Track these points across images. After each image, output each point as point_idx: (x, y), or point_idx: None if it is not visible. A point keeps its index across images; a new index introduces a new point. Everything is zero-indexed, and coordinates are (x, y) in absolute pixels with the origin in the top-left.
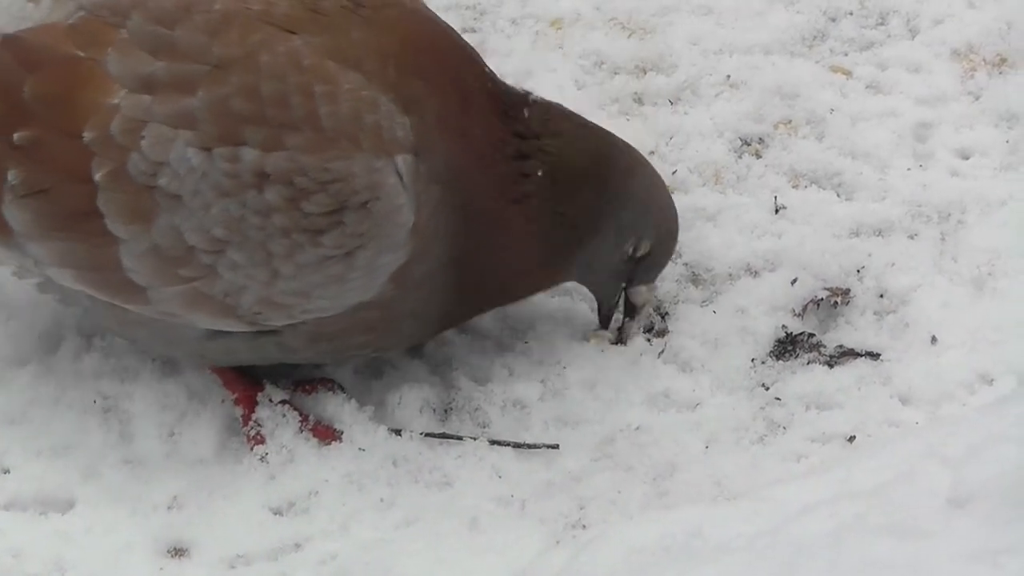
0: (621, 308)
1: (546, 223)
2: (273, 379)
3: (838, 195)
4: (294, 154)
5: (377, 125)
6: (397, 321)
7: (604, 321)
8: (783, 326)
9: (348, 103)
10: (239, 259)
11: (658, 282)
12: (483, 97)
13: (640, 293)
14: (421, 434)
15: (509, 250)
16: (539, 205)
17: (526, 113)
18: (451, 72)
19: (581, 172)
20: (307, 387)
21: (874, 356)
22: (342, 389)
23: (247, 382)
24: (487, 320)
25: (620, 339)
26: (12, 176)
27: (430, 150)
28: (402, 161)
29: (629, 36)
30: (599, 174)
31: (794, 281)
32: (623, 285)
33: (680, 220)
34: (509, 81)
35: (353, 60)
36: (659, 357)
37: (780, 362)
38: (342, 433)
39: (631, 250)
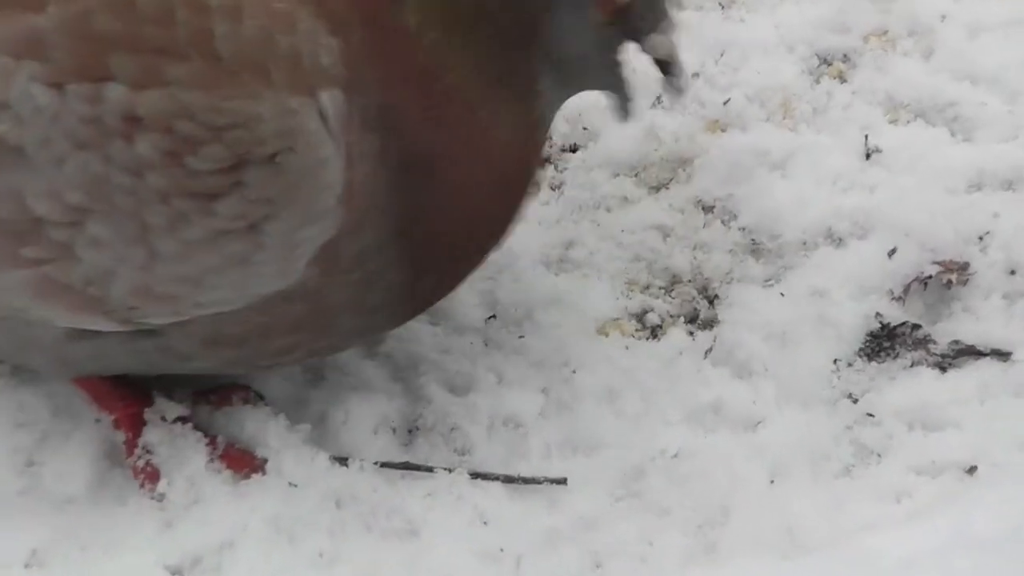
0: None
1: (479, 81)
2: (167, 389)
3: (952, 133)
4: (177, 91)
5: (294, 50)
6: (330, 316)
7: (623, 107)
8: (877, 314)
9: (254, 20)
10: (103, 234)
11: (670, 22)
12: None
13: (653, 47)
14: (376, 464)
15: (469, 170)
16: (460, 69)
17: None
18: None
19: None
20: (215, 398)
21: (1003, 356)
22: (263, 399)
23: (128, 396)
24: (467, 307)
25: (675, 99)
26: None
27: (363, 84)
28: (328, 99)
29: None
30: None
31: (892, 252)
32: (618, 53)
33: (737, 166)
34: None
35: None
36: (706, 357)
37: (873, 364)
38: (266, 462)
39: (599, 9)
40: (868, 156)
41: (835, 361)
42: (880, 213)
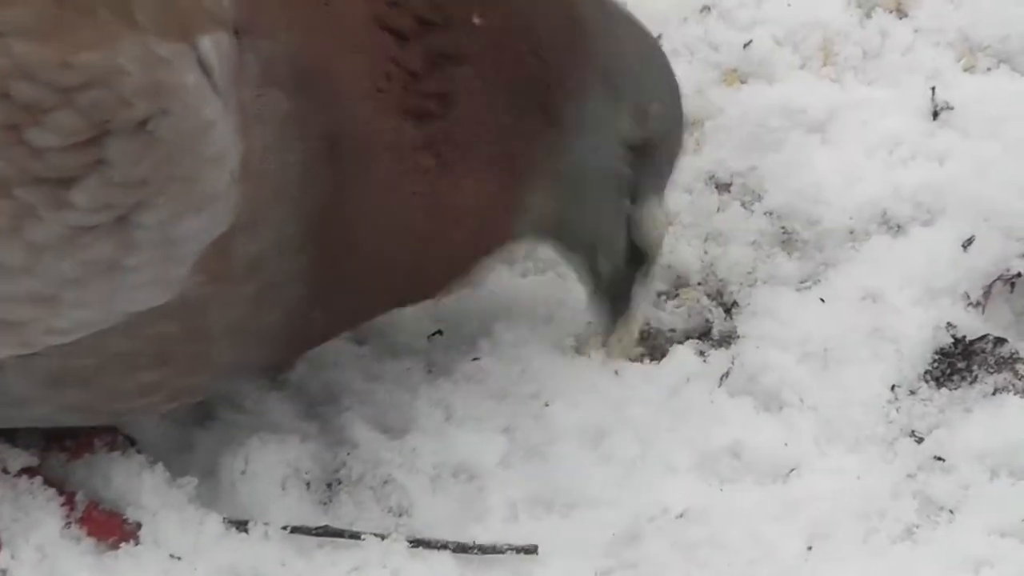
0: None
1: (483, 135)
2: (7, 433)
3: None
4: (10, 42)
5: None
6: (209, 342)
7: (610, 300)
8: (949, 325)
9: None
10: None
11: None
12: None
13: (649, 216)
14: (285, 529)
15: (415, 201)
16: (469, 114)
17: None
18: None
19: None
20: (73, 444)
21: None
22: (134, 445)
23: None
24: (404, 320)
25: (617, 322)
26: None
27: (266, 28)
28: (211, 45)
29: None
30: (565, 34)
31: (968, 242)
32: (625, 212)
33: (762, 130)
34: None
35: None
36: (721, 384)
37: (943, 391)
38: (139, 527)
39: (634, 122)
40: (936, 115)
41: (893, 388)
42: (952, 191)
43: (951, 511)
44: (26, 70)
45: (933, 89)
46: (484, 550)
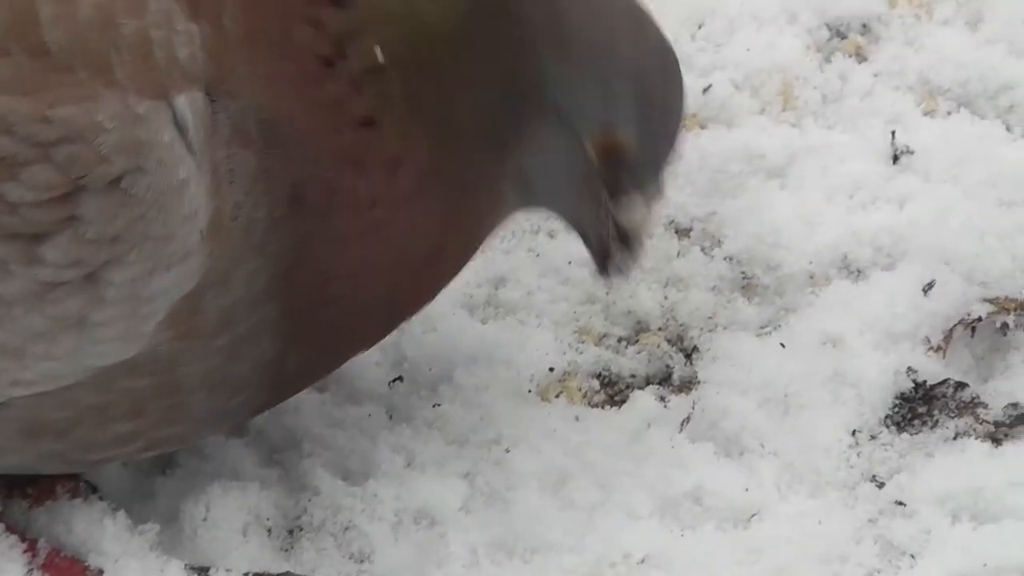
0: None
1: (420, 151)
2: None
3: (1007, 127)
4: None
5: (142, 38)
6: (183, 394)
7: (599, 261)
8: (909, 370)
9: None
10: None
11: (659, 189)
12: None
13: (629, 207)
14: (247, 575)
15: (378, 233)
16: (397, 127)
17: None
18: None
19: (456, 34)
20: (34, 491)
21: None
22: (96, 491)
23: None
24: (365, 366)
25: (608, 275)
26: None
27: (237, 85)
28: (186, 103)
29: None
30: (497, 25)
31: (929, 287)
32: (604, 199)
33: (722, 175)
34: None
35: None
36: (682, 430)
37: (904, 436)
38: (101, 573)
39: (594, 149)
40: (896, 159)
41: (854, 433)
42: (913, 235)
43: (912, 556)
44: (3, 124)
45: (893, 133)
46: None
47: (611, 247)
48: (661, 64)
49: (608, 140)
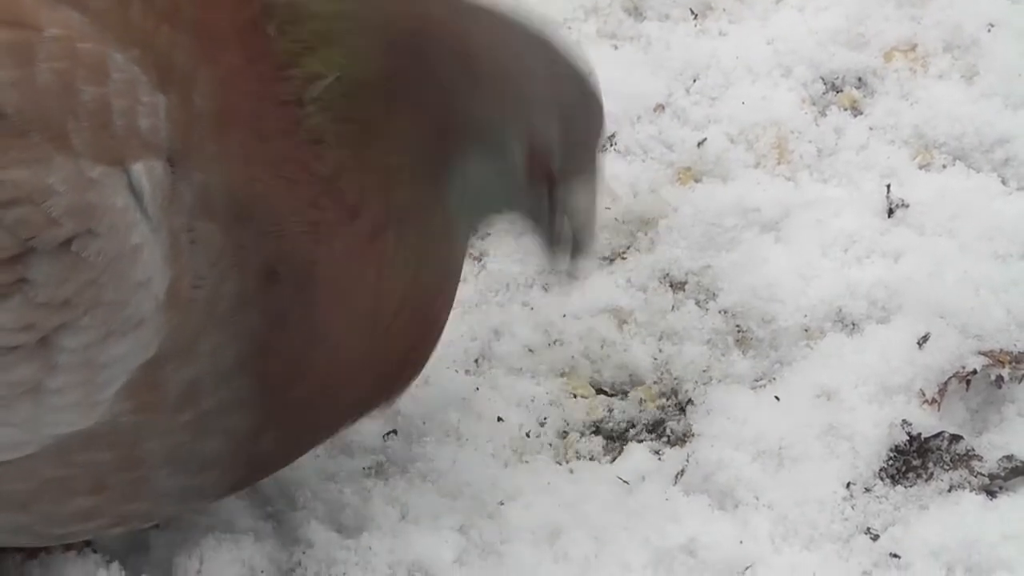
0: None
1: (375, 202)
2: None
3: (1003, 181)
4: None
5: (102, 106)
6: (146, 469)
7: (554, 264)
8: (904, 423)
9: (52, 63)
10: None
11: (597, 174)
12: (258, 41)
13: (573, 202)
14: None
15: (360, 319)
16: (357, 177)
17: (270, 30)
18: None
19: (379, 86)
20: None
21: None
22: (89, 544)
23: None
24: None
25: (569, 276)
26: None
27: (202, 158)
28: (143, 171)
29: None
30: (420, 66)
31: (924, 340)
32: (546, 203)
33: (716, 229)
34: None
35: None
36: (676, 483)
37: (899, 489)
38: None
39: (523, 156)
40: (891, 213)
41: (848, 485)
42: (907, 289)
43: None
44: None
45: (888, 187)
46: None
47: (563, 247)
48: (569, 66)
49: (536, 143)
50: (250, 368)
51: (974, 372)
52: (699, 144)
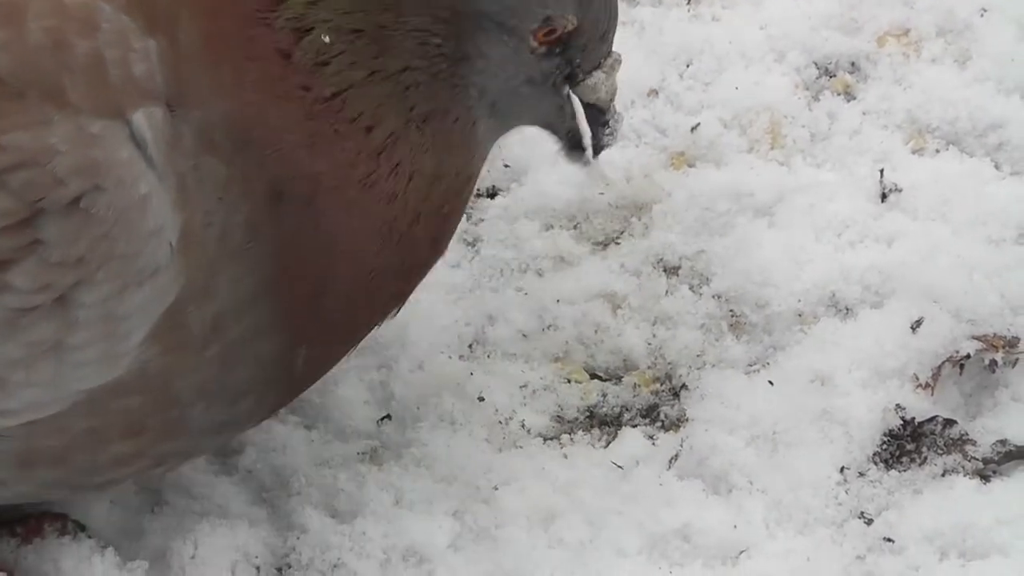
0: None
1: (386, 110)
2: None
3: (996, 165)
4: None
5: (95, 58)
6: (180, 407)
7: (576, 151)
8: (897, 407)
9: (42, 21)
10: None
11: (615, 57)
12: None
13: (594, 87)
14: None
15: (366, 198)
16: (359, 94)
17: None
18: None
19: None
20: (23, 530)
21: None
22: (84, 530)
23: None
24: (353, 404)
25: (591, 155)
26: None
27: (198, 95)
28: (144, 119)
29: None
30: None
31: (917, 324)
32: (565, 92)
33: (710, 213)
34: None
35: None
36: (670, 467)
37: (892, 473)
38: None
39: (537, 40)
40: (884, 197)
41: (842, 470)
42: (901, 273)
43: None
44: None
45: (881, 171)
46: None
47: (585, 134)
48: None
49: (551, 31)
50: (272, 292)
51: (968, 356)
52: (692, 129)
